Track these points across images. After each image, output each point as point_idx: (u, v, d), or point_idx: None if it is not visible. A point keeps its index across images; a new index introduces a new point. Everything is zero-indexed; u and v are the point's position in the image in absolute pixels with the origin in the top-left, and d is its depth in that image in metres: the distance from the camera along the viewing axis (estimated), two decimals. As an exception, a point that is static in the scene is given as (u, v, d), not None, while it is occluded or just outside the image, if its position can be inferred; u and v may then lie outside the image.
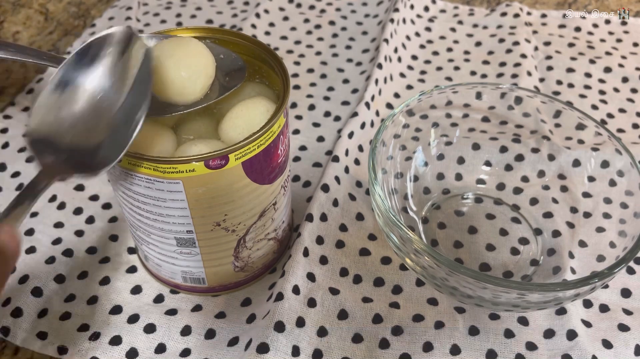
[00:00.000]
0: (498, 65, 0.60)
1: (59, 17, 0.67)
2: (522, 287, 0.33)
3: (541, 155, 0.47)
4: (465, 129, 0.48)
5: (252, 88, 0.38)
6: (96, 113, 0.30)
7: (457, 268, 0.33)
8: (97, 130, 0.29)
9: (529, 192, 0.46)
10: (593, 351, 0.37)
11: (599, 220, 0.41)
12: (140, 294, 0.41)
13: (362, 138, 0.51)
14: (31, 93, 0.56)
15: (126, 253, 0.43)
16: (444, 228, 0.45)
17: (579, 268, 0.40)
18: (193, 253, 0.37)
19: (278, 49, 0.63)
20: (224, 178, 0.32)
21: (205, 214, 0.34)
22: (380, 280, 0.41)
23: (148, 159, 0.31)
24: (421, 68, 0.61)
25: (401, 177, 0.46)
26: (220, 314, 0.40)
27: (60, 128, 0.29)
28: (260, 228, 0.38)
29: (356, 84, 0.58)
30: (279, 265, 0.43)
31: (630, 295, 0.41)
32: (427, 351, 0.37)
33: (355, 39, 0.65)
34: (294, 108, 0.56)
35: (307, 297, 0.39)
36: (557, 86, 0.58)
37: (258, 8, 0.67)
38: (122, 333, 0.38)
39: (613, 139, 0.41)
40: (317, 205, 0.44)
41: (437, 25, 0.67)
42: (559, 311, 0.39)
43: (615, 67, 0.60)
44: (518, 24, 0.64)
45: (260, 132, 0.32)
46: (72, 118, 0.29)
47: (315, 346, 0.37)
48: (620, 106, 0.56)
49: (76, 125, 0.29)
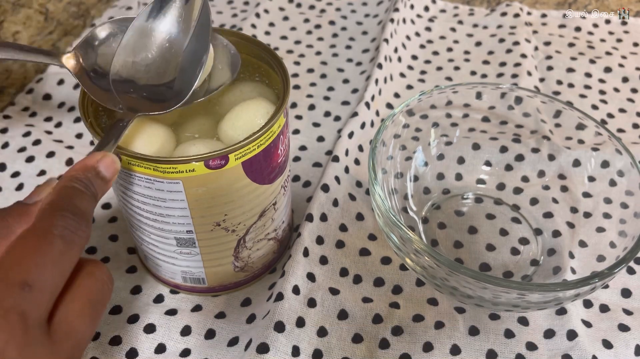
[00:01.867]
0: (498, 65, 0.60)
1: (58, 17, 0.67)
2: (522, 287, 0.33)
3: (541, 155, 0.47)
4: (465, 129, 0.48)
5: (252, 88, 0.38)
6: (167, 56, 0.34)
7: (457, 268, 0.33)
8: (168, 70, 0.33)
9: (529, 192, 0.46)
10: (593, 351, 0.37)
11: (599, 220, 0.41)
12: (140, 294, 0.41)
13: (362, 138, 0.51)
14: (31, 93, 0.56)
15: (126, 253, 0.43)
16: (444, 228, 0.45)
17: (579, 268, 0.40)
18: (193, 253, 0.37)
19: (278, 49, 0.63)
20: (224, 178, 0.32)
21: (205, 214, 0.34)
22: (380, 280, 0.41)
23: (148, 159, 0.30)
24: (421, 68, 0.61)
25: (401, 177, 0.46)
26: (220, 315, 0.40)
27: (138, 71, 0.33)
28: (260, 228, 0.38)
29: (356, 84, 0.58)
30: (279, 265, 0.43)
31: (630, 295, 0.41)
32: (427, 351, 0.37)
33: (355, 38, 0.65)
34: (294, 108, 0.56)
35: (307, 297, 0.39)
36: (557, 86, 0.58)
37: (258, 8, 0.67)
38: (122, 333, 0.38)
39: (613, 139, 0.41)
40: (317, 205, 0.44)
41: (437, 25, 0.67)
42: (559, 311, 0.39)
43: (616, 67, 0.60)
44: (518, 24, 0.64)
45: (260, 132, 0.32)
46: (147, 61, 0.33)
47: (315, 346, 0.37)
48: (620, 106, 0.56)
49: (151, 67, 0.33)
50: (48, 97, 0.56)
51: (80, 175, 0.27)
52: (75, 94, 0.56)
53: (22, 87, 0.58)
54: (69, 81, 0.57)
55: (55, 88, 0.57)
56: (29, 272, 0.22)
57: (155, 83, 0.33)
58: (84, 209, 0.26)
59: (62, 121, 0.54)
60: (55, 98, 0.56)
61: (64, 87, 0.57)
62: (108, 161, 0.28)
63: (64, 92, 0.56)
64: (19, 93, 0.57)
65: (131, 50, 0.33)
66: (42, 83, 0.57)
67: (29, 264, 0.22)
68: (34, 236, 0.24)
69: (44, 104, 0.55)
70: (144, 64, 0.33)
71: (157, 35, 0.34)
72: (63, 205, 0.25)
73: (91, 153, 0.28)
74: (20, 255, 0.23)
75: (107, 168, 0.28)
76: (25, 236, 0.24)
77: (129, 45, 0.33)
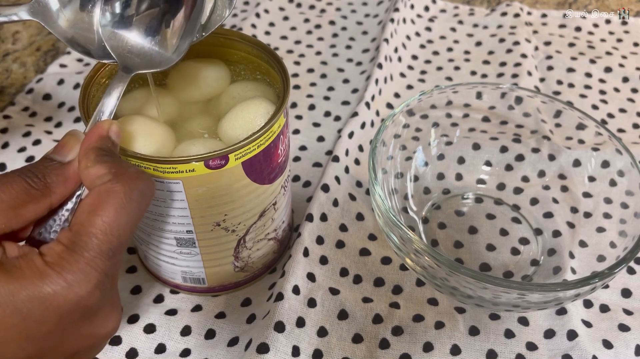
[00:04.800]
0: (498, 65, 0.60)
1: (59, 17, 0.67)
2: (522, 287, 0.33)
3: (541, 155, 0.47)
4: (465, 129, 0.48)
5: (253, 87, 0.38)
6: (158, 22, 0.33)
7: (458, 268, 0.33)
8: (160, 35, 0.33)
9: (529, 192, 0.46)
10: (593, 351, 0.37)
11: (600, 220, 0.41)
12: (140, 294, 0.41)
13: (362, 138, 0.51)
14: (31, 93, 0.56)
15: (126, 253, 0.43)
16: (444, 228, 0.45)
17: (579, 268, 0.40)
18: (193, 253, 0.37)
19: (278, 49, 0.63)
20: (224, 178, 0.32)
21: (205, 214, 0.34)
22: (381, 280, 0.41)
23: (148, 159, 0.30)
24: (421, 68, 0.61)
25: (401, 177, 0.46)
26: (220, 315, 0.40)
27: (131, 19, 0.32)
28: (260, 228, 0.37)
29: (356, 84, 0.58)
30: (279, 265, 0.43)
31: (630, 295, 0.41)
32: (427, 351, 0.37)
33: (356, 38, 0.65)
34: (294, 108, 0.56)
35: (307, 297, 0.39)
36: (557, 86, 0.58)
37: (258, 8, 0.67)
38: (122, 333, 0.38)
39: (613, 139, 0.41)
40: (317, 205, 0.44)
41: (438, 25, 0.66)
42: (559, 311, 0.39)
43: (616, 67, 0.60)
44: (518, 24, 0.64)
45: (260, 132, 0.32)
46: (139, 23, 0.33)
47: (315, 346, 0.37)
48: (620, 106, 0.56)
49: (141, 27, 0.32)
50: (48, 97, 0.56)
51: (103, 145, 0.27)
52: (75, 94, 0.56)
53: (22, 87, 0.58)
54: (69, 81, 0.57)
55: (55, 88, 0.57)
56: (113, 242, 0.25)
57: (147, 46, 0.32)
58: (135, 169, 0.27)
59: (62, 121, 0.54)
60: (55, 98, 0.56)
61: (64, 87, 0.57)
62: (116, 129, 0.29)
63: (64, 92, 0.56)
64: (19, 93, 0.57)
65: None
66: (42, 83, 0.57)
67: (114, 233, 0.25)
68: (117, 202, 0.25)
69: (44, 104, 0.55)
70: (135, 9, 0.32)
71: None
72: (124, 172, 0.26)
73: (97, 123, 0.29)
74: (109, 222, 0.25)
75: (117, 136, 0.29)
76: (109, 202, 0.25)
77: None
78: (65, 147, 0.28)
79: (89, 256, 0.24)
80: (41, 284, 0.23)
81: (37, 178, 0.26)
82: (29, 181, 0.25)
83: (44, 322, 0.23)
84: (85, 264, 0.24)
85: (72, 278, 0.23)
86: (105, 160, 0.26)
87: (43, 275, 0.23)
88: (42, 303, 0.23)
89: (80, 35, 0.33)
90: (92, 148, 0.27)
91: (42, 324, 0.23)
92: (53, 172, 0.26)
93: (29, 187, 0.25)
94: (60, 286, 0.23)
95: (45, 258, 0.24)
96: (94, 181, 0.25)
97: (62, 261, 0.24)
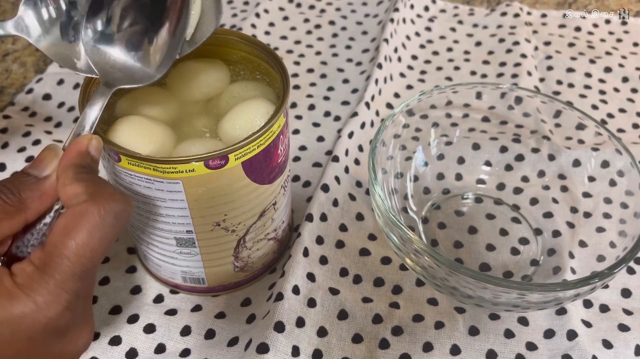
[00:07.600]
0: (498, 65, 0.60)
1: (58, 17, 0.67)
2: (522, 287, 0.33)
3: (541, 155, 0.47)
4: (465, 129, 0.48)
5: (253, 86, 0.38)
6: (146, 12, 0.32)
7: (457, 268, 0.33)
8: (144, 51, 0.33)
9: (529, 192, 0.46)
10: (593, 351, 0.37)
11: (599, 220, 0.41)
12: (140, 294, 0.41)
13: (362, 138, 0.51)
14: (31, 93, 0.56)
15: (126, 253, 0.43)
16: (444, 228, 0.45)
17: (579, 268, 0.40)
18: (193, 253, 0.37)
19: (278, 49, 0.63)
20: (223, 178, 0.32)
21: (205, 214, 0.34)
22: (380, 280, 0.41)
23: (148, 159, 0.30)
24: (421, 68, 0.61)
25: (401, 177, 0.46)
26: (220, 315, 0.40)
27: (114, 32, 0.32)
28: (260, 228, 0.37)
29: (356, 84, 0.58)
30: (279, 265, 0.43)
31: (630, 295, 0.41)
32: (427, 351, 0.37)
33: (355, 38, 0.65)
34: (294, 108, 0.56)
35: (307, 297, 0.39)
36: (557, 86, 0.58)
37: (258, 8, 0.67)
38: (121, 333, 0.38)
39: (613, 139, 0.41)
40: (317, 205, 0.44)
41: (437, 25, 0.66)
42: (559, 311, 0.39)
43: (616, 67, 0.60)
44: (518, 24, 0.64)
45: (260, 131, 0.32)
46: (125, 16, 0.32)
47: (315, 346, 0.37)
48: (620, 106, 0.56)
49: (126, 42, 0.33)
50: (48, 97, 0.56)
51: (83, 162, 0.27)
52: (75, 94, 0.56)
53: (22, 87, 0.58)
54: (68, 81, 0.57)
55: (55, 88, 0.57)
56: (85, 264, 0.24)
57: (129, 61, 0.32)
58: (111, 190, 0.26)
59: (62, 121, 0.54)
60: (55, 98, 0.56)
61: (64, 87, 0.57)
62: (95, 144, 0.28)
63: (63, 92, 0.56)
64: (19, 93, 0.57)
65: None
66: (42, 83, 0.57)
67: (87, 255, 0.24)
68: (91, 224, 0.24)
69: (44, 104, 0.55)
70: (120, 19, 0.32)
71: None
72: (100, 192, 0.25)
73: (77, 139, 0.28)
74: (82, 244, 0.24)
75: (96, 151, 0.28)
76: (83, 224, 0.24)
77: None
78: (43, 162, 0.27)
79: (60, 279, 0.24)
80: (9, 306, 0.23)
81: (12, 193, 0.26)
82: (3, 198, 0.25)
83: (12, 342, 0.23)
84: (55, 286, 0.24)
85: (42, 300, 0.23)
86: (82, 179, 0.26)
87: (12, 296, 0.23)
88: (10, 325, 0.23)
89: (64, 55, 0.33)
90: (70, 165, 0.26)
91: (10, 344, 0.23)
92: (28, 188, 0.26)
93: (3, 203, 0.25)
94: (29, 309, 0.23)
95: (16, 279, 0.24)
96: (71, 200, 0.25)
97: (32, 283, 0.23)
